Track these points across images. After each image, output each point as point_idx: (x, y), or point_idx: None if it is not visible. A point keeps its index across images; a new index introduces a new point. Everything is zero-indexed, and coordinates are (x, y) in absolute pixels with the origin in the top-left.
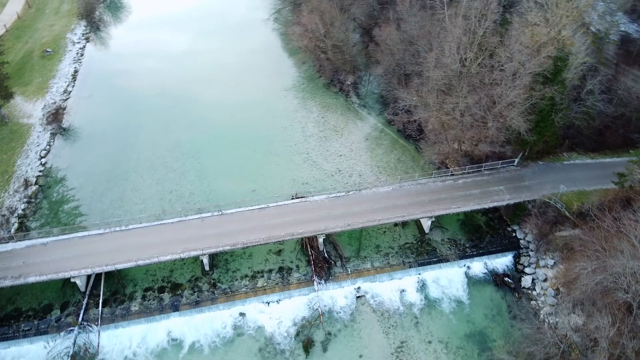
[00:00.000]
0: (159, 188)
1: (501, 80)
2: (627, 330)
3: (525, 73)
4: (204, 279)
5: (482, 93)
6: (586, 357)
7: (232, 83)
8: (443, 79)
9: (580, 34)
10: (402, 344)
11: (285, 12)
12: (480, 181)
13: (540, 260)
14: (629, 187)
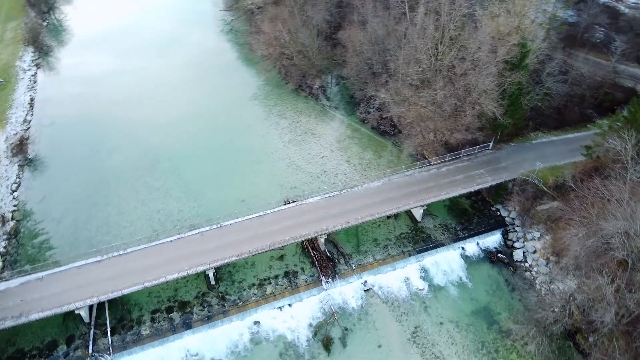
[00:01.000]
0: (145, 209)
1: (473, 70)
2: (625, 284)
3: (495, 61)
4: (211, 293)
5: (458, 83)
6: (590, 315)
7: (199, 97)
8: (419, 73)
9: (537, 22)
10: (416, 329)
11: (238, 23)
12: (461, 167)
13: (527, 234)
14: (597, 158)
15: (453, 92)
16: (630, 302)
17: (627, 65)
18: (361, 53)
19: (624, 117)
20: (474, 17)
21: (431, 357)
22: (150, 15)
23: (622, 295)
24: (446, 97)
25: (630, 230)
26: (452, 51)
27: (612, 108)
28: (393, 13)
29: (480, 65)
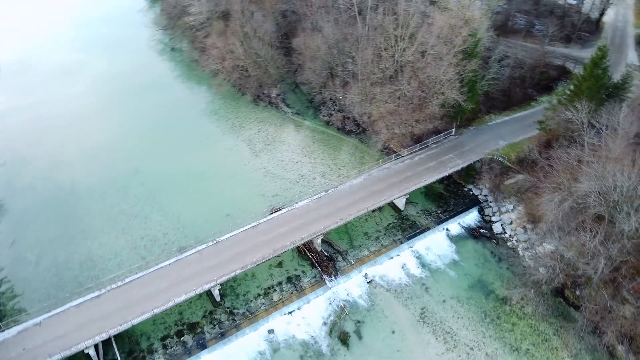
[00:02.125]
0: (128, 237)
1: (434, 62)
2: (604, 235)
3: (453, 52)
4: (218, 310)
5: (422, 76)
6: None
7: (158, 120)
8: (383, 70)
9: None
10: (422, 310)
11: (178, 42)
12: (432, 154)
13: (501, 208)
14: (549, 130)
15: (418, 85)
16: (614, 251)
17: (555, 47)
18: (317, 58)
19: (570, 90)
20: (427, 13)
21: (442, 333)
22: (91, 49)
23: (606, 245)
24: (412, 90)
25: (603, 188)
26: (414, 46)
27: (549, 85)
28: (344, 17)
29: (440, 57)
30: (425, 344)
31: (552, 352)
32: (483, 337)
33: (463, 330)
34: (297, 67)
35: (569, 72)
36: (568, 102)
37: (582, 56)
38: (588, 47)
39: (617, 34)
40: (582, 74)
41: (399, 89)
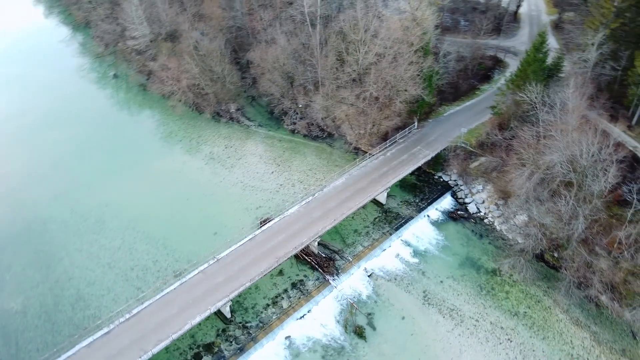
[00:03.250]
0: (116, 271)
1: (395, 61)
2: (575, 199)
3: (411, 51)
4: (230, 326)
5: (387, 76)
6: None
7: (115, 148)
8: (350, 74)
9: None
10: (424, 293)
11: (118, 68)
12: (401, 149)
13: (471, 190)
14: (501, 113)
15: (384, 85)
16: (586, 211)
17: (485, 39)
18: (276, 69)
19: (516, 75)
20: (381, 16)
21: (448, 311)
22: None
23: (579, 207)
24: (378, 90)
25: (570, 156)
26: (375, 48)
27: (487, 74)
28: (299, 28)
29: (402, 56)
30: (435, 323)
31: (546, 311)
32: (484, 308)
33: (465, 305)
34: (253, 81)
35: (500, 60)
36: (516, 86)
37: (509, 45)
38: (511, 37)
39: (533, 22)
40: (525, 59)
41: (366, 90)
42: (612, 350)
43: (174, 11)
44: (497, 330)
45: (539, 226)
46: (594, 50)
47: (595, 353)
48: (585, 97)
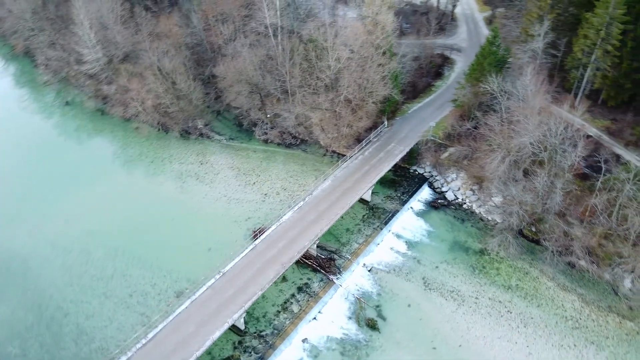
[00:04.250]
0: (114, 300)
1: (365, 64)
2: (548, 175)
3: (379, 53)
4: (246, 338)
5: (359, 79)
6: (538, 207)
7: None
8: (323, 79)
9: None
10: (424, 280)
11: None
12: (377, 147)
13: (446, 179)
14: (462, 105)
15: (357, 87)
16: (560, 185)
17: (430, 39)
18: (243, 82)
19: (473, 69)
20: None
21: (449, 293)
22: None
23: (554, 182)
24: (352, 93)
25: (540, 136)
26: (345, 53)
27: (438, 71)
28: (263, 39)
29: (370, 59)
30: (439, 306)
31: (535, 281)
32: (480, 286)
33: (463, 286)
34: (217, 95)
35: (448, 58)
36: (474, 79)
37: (452, 43)
38: (452, 35)
39: (469, 20)
40: (481, 52)
41: (340, 94)
42: (599, 308)
43: (129, 32)
44: (496, 305)
45: (519, 204)
46: (541, 40)
47: (585, 313)
48: (542, 82)
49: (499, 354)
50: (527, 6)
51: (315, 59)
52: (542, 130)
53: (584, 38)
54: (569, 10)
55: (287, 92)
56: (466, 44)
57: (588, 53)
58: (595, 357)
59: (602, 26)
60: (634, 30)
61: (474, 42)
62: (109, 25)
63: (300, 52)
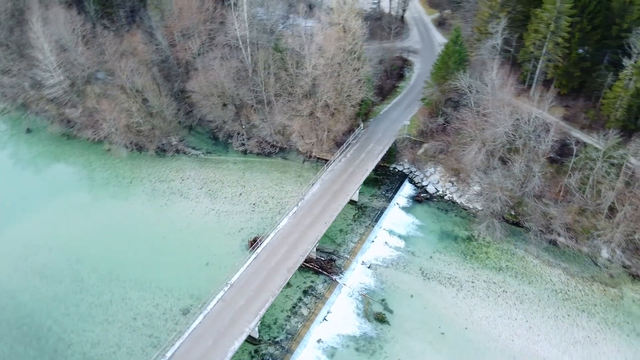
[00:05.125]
0: (118, 324)
1: (341, 70)
2: (525, 160)
3: (352, 58)
4: (261, 346)
5: (337, 84)
6: (518, 191)
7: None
8: (302, 86)
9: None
10: (421, 271)
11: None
12: (357, 149)
13: (425, 173)
14: (430, 103)
15: (336, 92)
16: (536, 169)
17: (391, 42)
18: (217, 95)
19: (438, 67)
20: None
21: (446, 280)
22: None
23: (530, 166)
24: (332, 98)
25: (514, 125)
26: (322, 60)
27: (400, 73)
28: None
29: (347, 63)
30: (440, 293)
31: (522, 260)
32: (474, 271)
33: (458, 272)
34: (188, 110)
35: (406, 60)
36: (440, 77)
37: (407, 46)
38: (406, 38)
39: (418, 23)
40: (445, 51)
41: (320, 99)
42: (583, 279)
43: (92, 52)
44: (492, 286)
45: (501, 190)
46: (499, 37)
47: (572, 284)
48: (508, 75)
49: (502, 331)
50: (479, 6)
51: (293, 67)
52: (514, 119)
53: (535, 32)
54: (517, 8)
55: (263, 101)
56: (420, 46)
57: (539, 46)
58: (588, 324)
59: (551, 20)
60: (580, 22)
61: (427, 43)
62: (70, 47)
63: (277, 61)
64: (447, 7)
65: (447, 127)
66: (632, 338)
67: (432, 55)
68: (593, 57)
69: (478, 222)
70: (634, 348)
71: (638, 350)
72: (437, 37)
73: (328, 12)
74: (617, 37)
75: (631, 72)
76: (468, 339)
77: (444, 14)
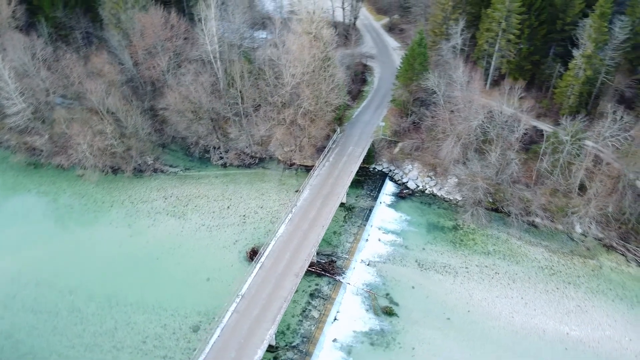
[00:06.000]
0: (128, 350)
1: (319, 77)
2: (501, 149)
3: (327, 65)
4: (279, 352)
5: (316, 91)
6: (495, 179)
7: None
8: (284, 95)
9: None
10: (417, 262)
11: None
12: (339, 152)
13: (404, 171)
14: (400, 103)
15: (316, 100)
16: (513, 157)
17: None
18: (190, 111)
19: (405, 70)
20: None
21: (442, 268)
22: None
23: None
24: (312, 105)
25: (488, 118)
26: (299, 68)
27: (363, 78)
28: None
29: (324, 70)
30: (438, 282)
31: (507, 243)
32: (465, 257)
33: (451, 260)
34: (159, 128)
35: (366, 65)
36: (407, 78)
37: (364, 51)
38: (361, 44)
39: (370, 29)
40: (410, 54)
41: (301, 107)
42: (564, 254)
43: (57, 76)
44: (484, 269)
45: (482, 179)
46: (459, 38)
47: (555, 260)
48: (472, 73)
49: (502, 310)
50: (432, 10)
51: (271, 77)
52: (486, 112)
53: (487, 31)
54: (467, 10)
55: (240, 114)
56: (375, 51)
57: (492, 44)
58: (576, 294)
59: (502, 19)
60: (528, 19)
61: (381, 48)
62: (32, 73)
63: (253, 73)
64: (395, 12)
65: (420, 125)
66: (616, 303)
67: (388, 59)
68: (541, 51)
69: (463, 211)
70: (620, 311)
71: (624, 313)
72: (390, 41)
73: (298, 22)
74: (561, 30)
75: (580, 61)
76: (472, 321)
77: (394, 20)
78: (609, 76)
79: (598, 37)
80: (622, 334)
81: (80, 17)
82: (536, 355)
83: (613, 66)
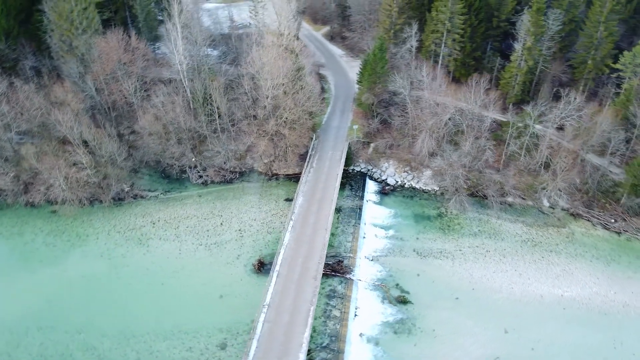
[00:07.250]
0: None
1: (294, 87)
2: (473, 139)
3: (301, 75)
4: (312, 354)
5: (296, 101)
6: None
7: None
8: (265, 106)
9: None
10: (415, 251)
11: None
12: (321, 157)
13: (381, 169)
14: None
15: (296, 109)
16: (484, 144)
17: None
18: (164, 132)
19: (368, 74)
20: None
21: (439, 254)
22: None
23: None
24: (294, 114)
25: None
26: (276, 79)
27: (321, 86)
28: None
29: (299, 79)
30: (439, 267)
31: (489, 223)
32: (456, 240)
33: (445, 245)
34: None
35: (319, 73)
36: (371, 82)
37: (314, 61)
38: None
39: (312, 39)
40: (372, 59)
41: (281, 117)
42: (539, 226)
43: (18, 110)
44: (477, 249)
45: (461, 167)
46: (413, 40)
47: (533, 232)
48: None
49: (502, 283)
50: (379, 16)
51: (251, 91)
52: (456, 106)
53: (433, 33)
54: (410, 14)
55: (217, 130)
56: (324, 60)
57: (438, 44)
58: (559, 260)
59: (447, 20)
60: (469, 19)
61: (328, 56)
62: None
63: (229, 89)
64: (335, 21)
65: (391, 124)
66: (594, 262)
67: (338, 66)
68: (481, 47)
69: (447, 199)
70: (600, 269)
71: (604, 271)
72: (334, 50)
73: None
74: (497, 27)
75: (521, 53)
76: (478, 297)
77: (334, 29)
78: (547, 64)
79: (536, 30)
80: (607, 288)
81: (25, 47)
82: (540, 318)
83: (549, 55)
